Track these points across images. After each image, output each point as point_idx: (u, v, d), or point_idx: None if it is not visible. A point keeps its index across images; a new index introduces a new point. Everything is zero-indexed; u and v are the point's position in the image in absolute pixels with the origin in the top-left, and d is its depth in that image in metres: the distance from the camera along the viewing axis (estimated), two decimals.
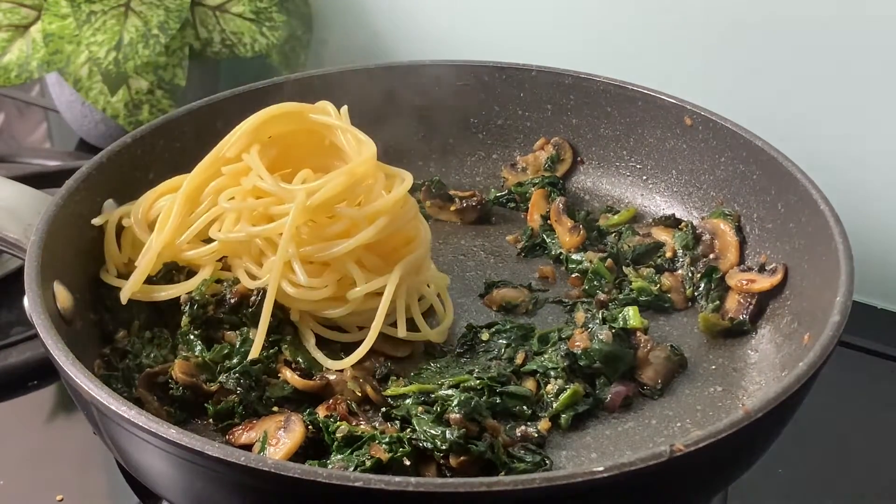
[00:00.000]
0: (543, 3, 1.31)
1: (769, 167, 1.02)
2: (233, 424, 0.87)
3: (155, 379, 0.89)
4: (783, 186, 1.00)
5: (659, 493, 0.73)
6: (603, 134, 1.18)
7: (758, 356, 0.96)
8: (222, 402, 0.88)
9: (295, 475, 0.67)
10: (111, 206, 1.01)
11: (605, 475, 0.66)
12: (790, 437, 0.83)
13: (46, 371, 1.01)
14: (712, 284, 1.03)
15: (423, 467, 0.81)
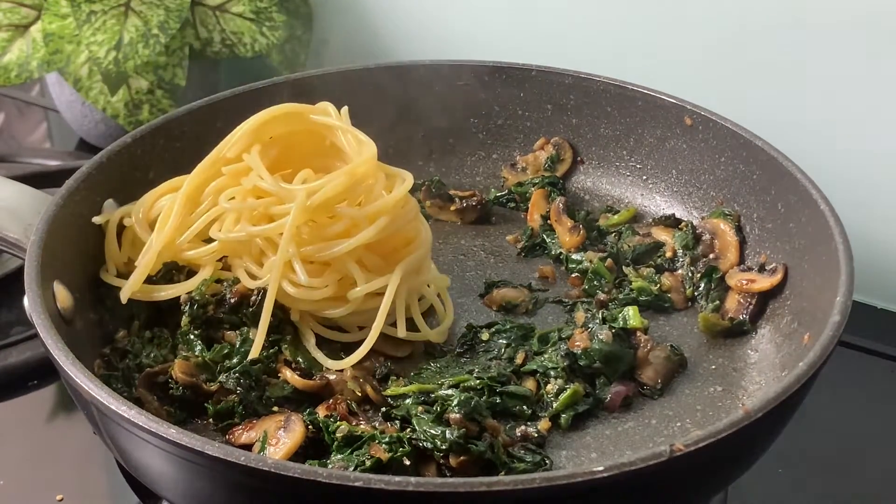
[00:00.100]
0: (543, 3, 1.30)
1: (769, 167, 1.02)
2: (233, 424, 0.87)
3: (155, 379, 0.89)
4: (783, 186, 1.00)
5: (659, 493, 0.73)
6: (603, 134, 1.18)
7: (758, 356, 0.96)
8: (222, 402, 0.88)
9: (295, 475, 0.67)
10: (111, 206, 1.01)
11: (605, 475, 0.66)
12: (790, 437, 0.83)
13: (46, 371, 1.01)
14: (712, 284, 1.03)
15: (423, 467, 0.81)
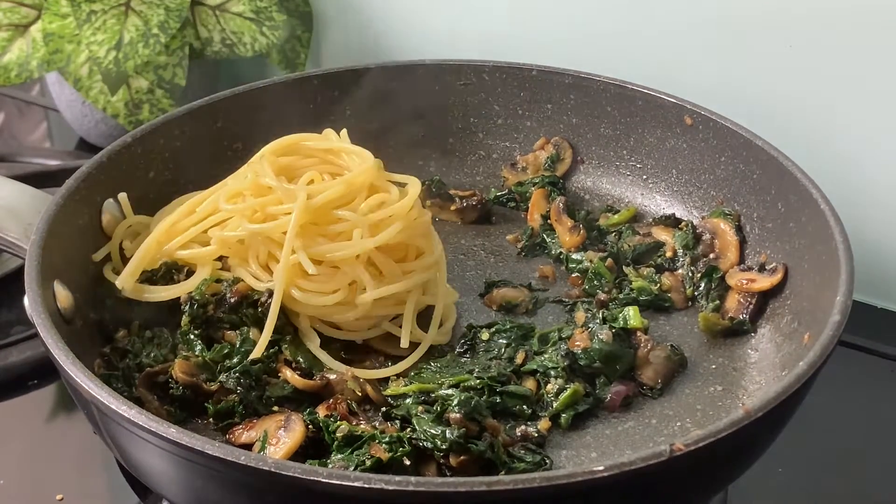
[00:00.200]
0: (543, 3, 1.30)
1: (769, 167, 1.02)
2: (233, 424, 0.87)
3: (155, 378, 0.89)
4: (783, 186, 1.00)
5: (659, 493, 0.72)
6: (603, 133, 1.18)
7: (758, 356, 0.96)
8: (222, 402, 0.88)
9: (295, 475, 0.67)
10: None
11: (605, 475, 0.66)
12: (790, 437, 0.83)
13: (46, 371, 1.00)
14: (712, 284, 1.03)
15: (423, 467, 0.81)
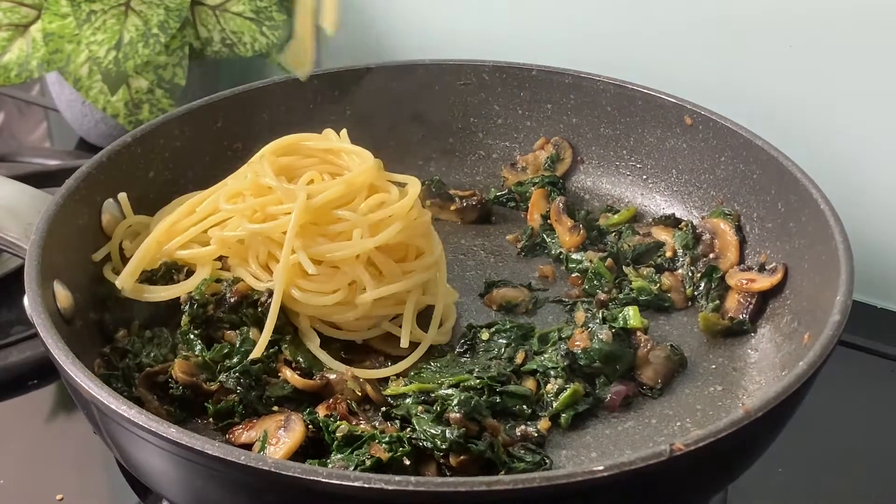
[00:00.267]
0: (543, 3, 1.30)
1: (769, 167, 1.02)
2: (233, 424, 0.87)
3: (155, 378, 0.89)
4: (783, 186, 1.00)
5: (659, 493, 0.72)
6: (603, 133, 1.18)
7: (758, 355, 0.96)
8: (222, 402, 0.88)
9: (295, 474, 0.67)
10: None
11: (605, 474, 0.66)
12: (790, 437, 0.83)
13: (46, 371, 1.00)
14: (712, 284, 1.03)
15: (423, 467, 0.81)
